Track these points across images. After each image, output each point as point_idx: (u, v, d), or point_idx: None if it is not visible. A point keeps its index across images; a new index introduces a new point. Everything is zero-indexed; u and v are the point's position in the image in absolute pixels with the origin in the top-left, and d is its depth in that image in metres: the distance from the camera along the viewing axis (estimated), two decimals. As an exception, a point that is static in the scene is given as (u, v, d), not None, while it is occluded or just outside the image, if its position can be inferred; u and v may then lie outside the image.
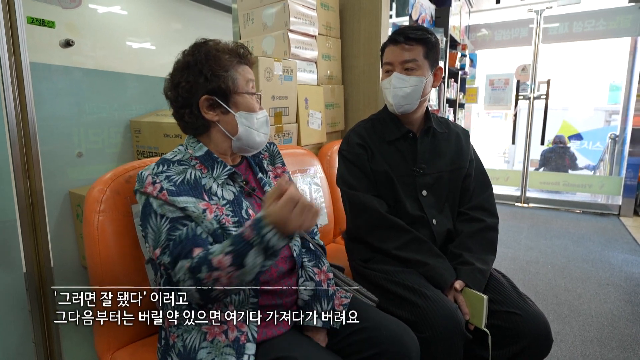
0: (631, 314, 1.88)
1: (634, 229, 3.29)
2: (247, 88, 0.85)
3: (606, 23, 3.86)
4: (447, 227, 1.14)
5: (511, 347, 0.96)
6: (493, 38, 4.56)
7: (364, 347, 0.80)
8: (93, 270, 0.85)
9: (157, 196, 0.75)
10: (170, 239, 0.74)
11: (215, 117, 0.84)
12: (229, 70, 0.82)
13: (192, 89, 0.81)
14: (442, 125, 1.21)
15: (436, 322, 0.88)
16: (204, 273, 0.69)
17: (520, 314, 0.96)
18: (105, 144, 1.48)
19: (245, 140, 0.86)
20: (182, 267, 0.72)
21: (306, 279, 0.88)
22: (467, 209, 1.16)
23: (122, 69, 1.56)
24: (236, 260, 0.68)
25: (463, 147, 1.20)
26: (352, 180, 1.12)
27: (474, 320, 0.98)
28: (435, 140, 1.17)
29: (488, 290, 1.03)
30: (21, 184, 1.06)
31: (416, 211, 1.12)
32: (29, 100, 1.05)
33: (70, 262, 1.42)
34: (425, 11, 2.92)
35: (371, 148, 1.13)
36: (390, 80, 1.10)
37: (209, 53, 0.82)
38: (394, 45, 1.11)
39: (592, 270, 2.41)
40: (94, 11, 1.57)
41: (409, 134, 1.15)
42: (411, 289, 0.96)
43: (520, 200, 4.18)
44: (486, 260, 1.06)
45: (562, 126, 5.33)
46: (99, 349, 0.87)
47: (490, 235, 1.12)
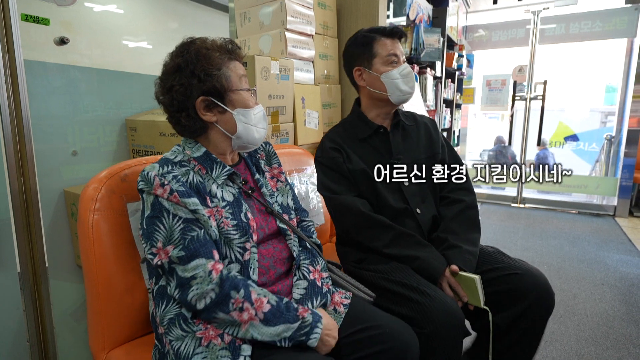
0: (626, 313, 1.90)
1: (629, 229, 3.31)
2: (240, 84, 0.84)
3: (602, 24, 3.88)
4: (431, 214, 1.17)
5: (517, 306, 0.99)
6: (490, 39, 4.58)
7: (365, 346, 0.80)
8: (88, 269, 0.84)
9: (168, 198, 0.74)
10: (186, 237, 0.73)
11: (214, 117, 0.83)
12: (222, 68, 0.81)
13: (186, 92, 0.79)
14: (409, 118, 1.26)
15: (437, 317, 0.89)
16: (239, 296, 0.72)
17: (519, 273, 1.01)
18: (101, 142, 1.47)
19: (245, 137, 0.85)
20: (200, 265, 0.72)
21: (299, 278, 0.88)
22: (448, 191, 1.21)
23: (118, 67, 1.55)
24: (272, 316, 0.73)
25: (432, 135, 1.25)
26: (332, 184, 1.14)
27: (472, 300, 1.00)
28: (405, 133, 1.22)
29: (482, 264, 1.07)
30: (15, 182, 1.05)
31: (399, 203, 1.14)
32: (23, 98, 1.05)
33: (65, 261, 1.41)
34: (423, 11, 2.92)
35: (345, 150, 1.15)
36: (404, 70, 1.14)
37: (199, 52, 0.80)
38: (391, 39, 1.15)
39: (587, 271, 2.42)
40: (89, 9, 1.56)
41: (379, 130, 1.18)
42: (409, 286, 0.96)
43: (517, 201, 4.20)
44: (473, 240, 1.10)
45: (558, 127, 5.35)
46: (94, 348, 0.87)
47: (471, 213, 1.16)
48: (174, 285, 0.74)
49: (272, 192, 0.94)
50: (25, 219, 1.08)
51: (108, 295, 0.85)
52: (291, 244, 0.90)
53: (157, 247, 0.74)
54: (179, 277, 0.72)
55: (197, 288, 0.71)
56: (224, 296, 0.71)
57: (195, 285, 0.71)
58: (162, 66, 0.84)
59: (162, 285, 0.78)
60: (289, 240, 0.90)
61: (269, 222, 0.89)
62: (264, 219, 0.88)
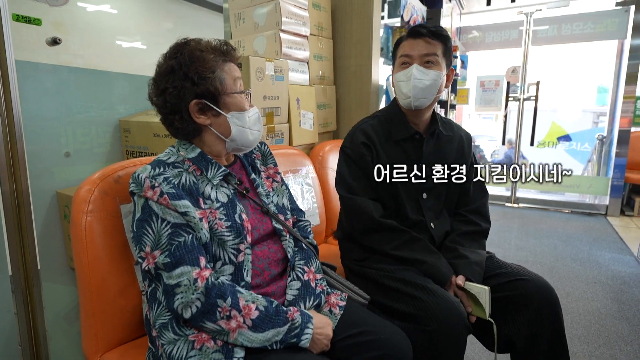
0: (617, 311, 1.92)
1: (621, 228, 3.35)
2: (235, 87, 0.83)
3: (594, 26, 3.93)
4: (445, 229, 1.15)
5: (523, 314, 0.98)
6: (484, 40, 4.61)
7: (360, 350, 0.80)
8: (81, 271, 0.84)
9: (158, 201, 0.73)
10: (173, 243, 0.72)
11: (207, 120, 0.82)
12: (216, 71, 0.80)
13: (180, 94, 0.78)
14: (447, 127, 1.21)
15: (440, 314, 0.89)
16: (226, 304, 0.71)
17: (526, 278, 1.00)
18: (94, 143, 1.46)
19: (239, 140, 0.85)
20: (184, 272, 0.70)
21: (293, 279, 0.88)
22: (465, 211, 1.18)
23: (111, 68, 1.53)
24: (260, 322, 0.72)
25: (465, 150, 1.21)
26: (352, 181, 1.11)
27: (477, 312, 1.00)
28: (439, 143, 1.17)
29: (486, 271, 1.06)
30: (7, 184, 1.04)
31: (415, 215, 1.12)
32: (15, 99, 1.03)
33: (57, 264, 1.40)
34: (417, 13, 2.93)
35: (376, 148, 1.11)
36: (410, 72, 1.07)
37: (193, 54, 0.79)
38: (413, 39, 1.08)
39: (580, 269, 2.44)
40: (82, 9, 1.55)
41: (415, 135, 1.14)
42: (413, 284, 0.96)
43: (511, 201, 4.23)
44: (480, 254, 1.09)
45: (551, 127, 5.40)
46: (87, 351, 0.86)
47: (481, 239, 1.15)
48: (161, 290, 0.73)
49: (267, 192, 0.94)
50: (16, 221, 1.07)
51: (101, 297, 0.84)
52: (286, 245, 0.90)
53: (146, 251, 0.73)
54: (164, 284, 0.72)
55: (182, 297, 0.70)
56: (211, 305, 0.70)
57: (179, 293, 0.70)
58: (155, 67, 0.83)
59: (154, 287, 0.78)
60: (284, 241, 0.90)
61: (264, 222, 0.89)
62: (259, 219, 0.88)
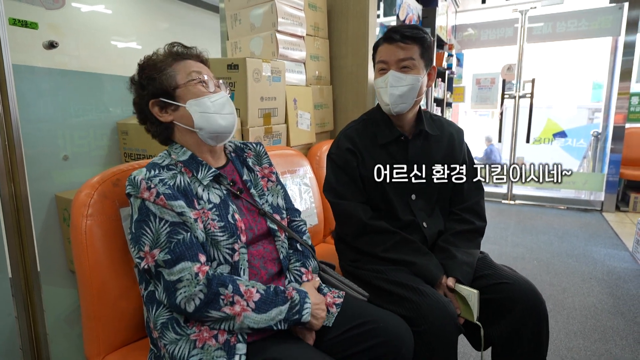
0: (612, 306, 1.94)
1: (616, 223, 3.39)
2: (189, 78, 0.84)
3: (588, 23, 3.96)
4: (438, 228, 1.15)
5: (506, 317, 0.98)
6: (479, 38, 4.63)
7: (360, 340, 0.82)
8: (81, 274, 0.84)
9: (155, 201, 0.75)
10: (172, 240, 0.74)
11: (170, 117, 0.85)
12: (165, 70, 0.84)
13: (141, 102, 0.85)
14: (435, 126, 1.19)
15: (431, 315, 0.90)
16: (228, 291, 0.74)
17: (509, 282, 1.00)
18: (92, 146, 1.46)
19: (208, 126, 0.84)
20: (185, 268, 0.72)
21: (291, 281, 0.90)
22: (459, 209, 1.17)
23: (108, 70, 1.53)
24: (262, 303, 0.76)
25: (455, 148, 1.19)
26: (339, 187, 1.12)
27: (465, 314, 1.00)
28: (426, 143, 1.16)
29: (476, 271, 1.06)
30: (5, 188, 1.04)
31: (407, 216, 1.12)
32: (12, 102, 1.04)
33: (57, 267, 1.40)
34: (413, 11, 2.95)
35: (361, 152, 1.12)
36: (387, 79, 1.07)
37: (144, 65, 0.85)
38: (388, 44, 1.08)
39: (575, 265, 2.47)
40: (78, 11, 1.54)
41: (400, 137, 1.14)
42: (404, 285, 0.97)
43: (507, 198, 4.26)
44: (472, 254, 1.09)
45: (547, 124, 5.43)
46: (89, 354, 0.87)
47: (477, 238, 1.15)
48: (161, 289, 0.74)
49: (262, 193, 0.95)
50: (16, 225, 1.07)
51: (102, 300, 0.85)
52: (279, 245, 0.91)
53: (145, 250, 0.74)
54: (165, 281, 0.73)
55: (185, 291, 0.71)
56: (214, 294, 0.72)
57: (182, 288, 0.72)
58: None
59: (151, 290, 0.79)
60: (278, 242, 0.91)
61: (259, 222, 0.90)
62: (254, 219, 0.89)
